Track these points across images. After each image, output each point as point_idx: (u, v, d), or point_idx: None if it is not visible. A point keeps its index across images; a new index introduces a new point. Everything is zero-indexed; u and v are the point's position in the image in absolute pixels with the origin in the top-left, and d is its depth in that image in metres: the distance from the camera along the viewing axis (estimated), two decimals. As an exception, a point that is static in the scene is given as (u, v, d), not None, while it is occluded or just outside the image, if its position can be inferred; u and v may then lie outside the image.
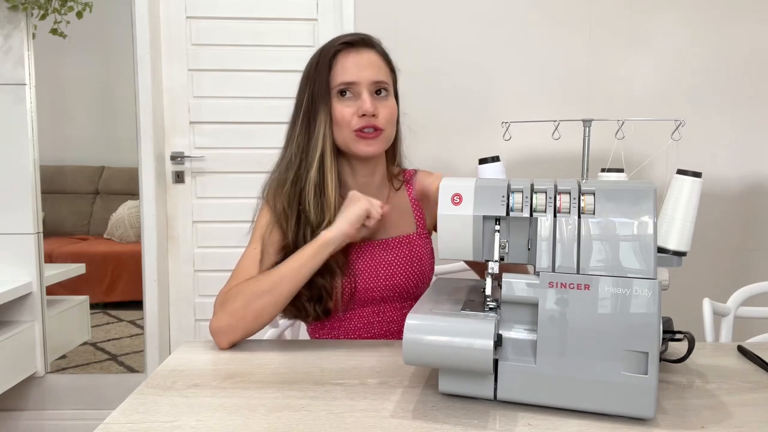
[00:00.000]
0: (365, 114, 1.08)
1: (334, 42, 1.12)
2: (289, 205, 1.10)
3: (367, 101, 1.08)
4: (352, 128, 1.09)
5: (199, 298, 2.36)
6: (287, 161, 1.13)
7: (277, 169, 1.15)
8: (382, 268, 1.14)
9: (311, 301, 1.08)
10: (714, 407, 0.78)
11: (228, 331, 1.00)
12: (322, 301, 1.09)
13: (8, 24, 2.05)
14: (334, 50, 1.11)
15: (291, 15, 2.27)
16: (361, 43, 1.12)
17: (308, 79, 1.13)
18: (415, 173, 1.25)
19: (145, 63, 2.20)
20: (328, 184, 1.09)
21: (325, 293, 1.08)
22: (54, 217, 2.48)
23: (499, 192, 0.79)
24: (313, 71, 1.12)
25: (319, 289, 1.08)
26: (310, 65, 1.14)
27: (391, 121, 1.12)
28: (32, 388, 2.27)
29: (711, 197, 2.23)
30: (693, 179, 0.88)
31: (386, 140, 1.13)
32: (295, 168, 1.11)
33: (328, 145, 1.10)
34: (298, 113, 1.13)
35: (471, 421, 0.73)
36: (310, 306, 1.09)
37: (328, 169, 1.10)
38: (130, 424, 0.73)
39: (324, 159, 1.10)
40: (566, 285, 0.74)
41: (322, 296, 1.09)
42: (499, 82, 2.22)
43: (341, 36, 1.13)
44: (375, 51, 1.13)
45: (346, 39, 1.12)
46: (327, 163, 1.10)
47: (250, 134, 2.29)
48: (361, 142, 1.10)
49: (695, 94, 2.22)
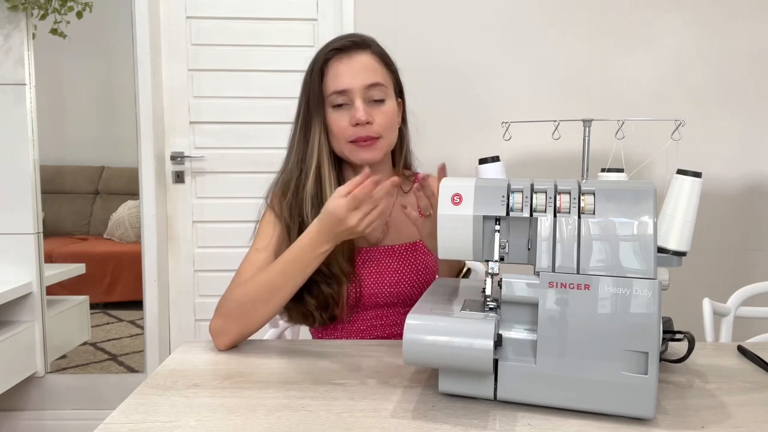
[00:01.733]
0: (359, 123, 1.06)
1: (325, 48, 1.10)
2: (291, 216, 1.09)
3: (360, 110, 1.05)
4: (347, 139, 1.07)
5: (199, 298, 2.36)
6: (289, 171, 1.12)
7: (281, 176, 1.14)
8: (388, 275, 1.14)
9: (318, 309, 1.08)
10: (714, 407, 0.78)
11: (225, 334, 1.00)
12: (328, 309, 1.08)
13: (8, 24, 2.05)
14: (325, 57, 1.08)
15: (291, 15, 2.27)
16: (352, 47, 1.08)
17: (304, 88, 1.11)
18: (426, 178, 1.24)
19: (145, 63, 2.20)
20: (327, 195, 1.06)
21: (332, 301, 1.08)
22: (54, 217, 2.48)
23: (499, 192, 0.79)
24: (308, 79, 1.10)
25: (326, 297, 1.07)
26: (307, 73, 1.12)
27: (389, 127, 1.09)
28: (32, 388, 2.27)
29: (711, 197, 2.23)
30: (693, 179, 0.88)
31: (386, 146, 1.11)
32: (294, 178, 1.10)
33: (325, 156, 1.08)
34: (297, 123, 1.12)
35: (471, 421, 0.73)
36: (317, 313, 1.08)
37: (326, 179, 1.08)
38: (130, 424, 0.73)
39: (321, 170, 1.08)
40: (566, 285, 0.74)
41: (328, 304, 1.08)
42: (499, 82, 2.22)
43: (333, 41, 1.10)
44: (369, 52, 1.09)
45: (337, 45, 1.08)
46: (324, 174, 1.08)
47: (250, 134, 2.29)
48: (358, 151, 1.08)
49: (695, 94, 2.22)
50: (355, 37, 1.10)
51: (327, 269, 1.06)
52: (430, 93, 2.21)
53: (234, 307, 1.00)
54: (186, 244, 2.34)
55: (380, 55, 1.11)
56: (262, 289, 0.99)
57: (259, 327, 1.02)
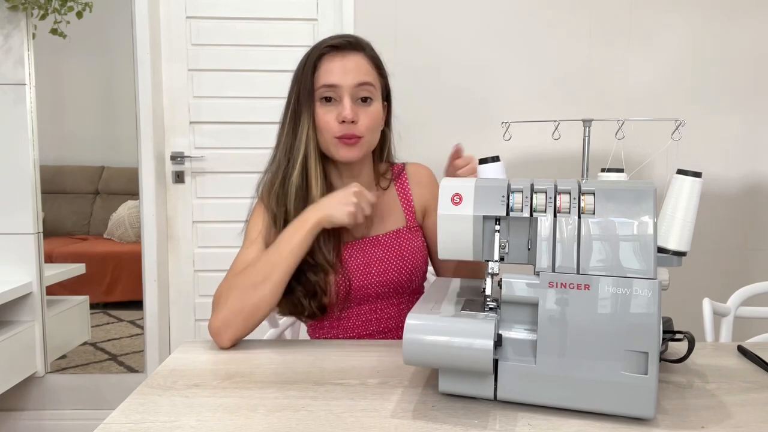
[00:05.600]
0: (344, 120, 1.07)
1: (321, 44, 1.11)
2: (278, 206, 1.11)
3: (347, 108, 1.07)
4: (333, 134, 1.09)
5: (199, 298, 2.36)
6: (277, 161, 1.14)
7: (269, 168, 1.16)
8: (375, 264, 1.15)
9: (306, 297, 1.09)
10: (714, 407, 0.78)
11: (228, 328, 1.00)
12: (317, 297, 1.09)
13: (8, 24, 2.05)
14: (320, 53, 1.10)
15: (291, 15, 2.27)
16: (348, 47, 1.10)
17: (295, 80, 1.13)
18: (404, 167, 1.26)
19: (145, 63, 2.20)
20: (312, 187, 1.10)
21: (320, 289, 1.09)
22: (54, 217, 2.49)
23: (499, 192, 0.79)
24: (300, 73, 1.12)
25: (313, 285, 1.08)
26: (298, 67, 1.14)
27: (371, 128, 1.12)
28: (32, 388, 2.27)
29: (711, 197, 2.23)
30: (693, 179, 0.88)
31: (366, 146, 1.13)
32: (282, 169, 1.12)
33: (312, 148, 1.10)
34: (286, 114, 1.14)
35: (471, 421, 0.73)
36: (306, 302, 1.09)
37: (312, 171, 1.10)
38: (130, 424, 0.73)
39: (307, 161, 1.10)
40: (566, 285, 0.74)
41: (316, 292, 1.09)
42: (499, 82, 2.22)
43: (329, 38, 1.12)
44: (363, 54, 1.12)
45: (333, 42, 1.11)
46: (311, 166, 1.10)
47: (250, 134, 2.29)
48: (341, 148, 1.10)
49: (695, 94, 2.22)
50: (352, 38, 1.13)
51: (312, 259, 1.08)
52: (430, 93, 2.21)
53: (235, 294, 1.01)
54: (186, 244, 2.34)
55: (373, 59, 1.14)
56: (258, 269, 1.02)
57: (263, 314, 1.02)
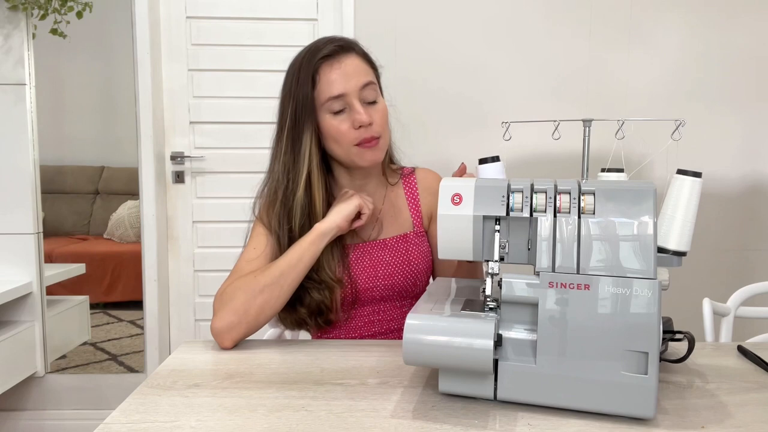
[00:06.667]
0: (362, 125, 1.06)
1: (311, 56, 1.08)
2: (280, 225, 1.09)
3: (362, 112, 1.06)
4: (352, 142, 1.07)
5: (199, 298, 2.36)
6: (275, 181, 1.11)
7: (264, 188, 1.14)
8: (381, 267, 1.15)
9: (312, 316, 1.09)
10: (714, 407, 0.78)
11: (231, 329, 1.00)
12: (322, 315, 1.09)
13: (8, 24, 2.05)
14: (315, 65, 1.07)
15: (291, 15, 2.27)
16: (340, 52, 1.08)
17: (290, 95, 1.09)
18: (414, 171, 1.25)
19: (145, 63, 2.20)
20: (316, 203, 1.09)
21: (324, 307, 1.08)
22: (54, 217, 2.49)
23: (499, 192, 0.79)
24: (295, 87, 1.08)
25: (318, 304, 1.08)
26: (288, 83, 1.10)
27: (385, 125, 1.12)
28: (32, 388, 2.27)
29: (711, 197, 2.23)
30: (693, 179, 0.88)
31: (384, 145, 1.13)
32: (282, 188, 1.09)
33: (315, 164, 1.09)
34: (282, 132, 1.11)
35: (471, 421, 0.73)
36: (311, 320, 1.09)
37: (316, 187, 1.09)
38: (130, 424, 0.73)
39: (311, 178, 1.08)
40: (566, 285, 0.74)
41: (321, 310, 1.09)
42: (499, 82, 2.22)
43: (318, 48, 1.08)
44: (355, 53, 1.10)
45: (325, 52, 1.07)
46: (314, 182, 1.09)
47: (250, 134, 2.29)
48: (364, 153, 1.08)
49: (695, 94, 2.22)
50: (339, 41, 1.10)
51: (316, 275, 1.07)
52: (430, 93, 2.21)
53: (241, 296, 1.00)
54: (186, 244, 2.34)
55: (365, 56, 1.13)
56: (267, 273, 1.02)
57: (266, 318, 1.02)
